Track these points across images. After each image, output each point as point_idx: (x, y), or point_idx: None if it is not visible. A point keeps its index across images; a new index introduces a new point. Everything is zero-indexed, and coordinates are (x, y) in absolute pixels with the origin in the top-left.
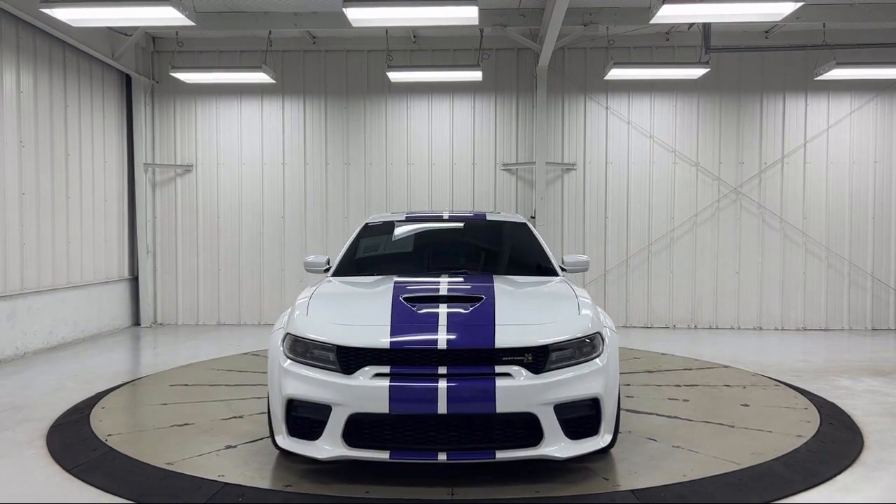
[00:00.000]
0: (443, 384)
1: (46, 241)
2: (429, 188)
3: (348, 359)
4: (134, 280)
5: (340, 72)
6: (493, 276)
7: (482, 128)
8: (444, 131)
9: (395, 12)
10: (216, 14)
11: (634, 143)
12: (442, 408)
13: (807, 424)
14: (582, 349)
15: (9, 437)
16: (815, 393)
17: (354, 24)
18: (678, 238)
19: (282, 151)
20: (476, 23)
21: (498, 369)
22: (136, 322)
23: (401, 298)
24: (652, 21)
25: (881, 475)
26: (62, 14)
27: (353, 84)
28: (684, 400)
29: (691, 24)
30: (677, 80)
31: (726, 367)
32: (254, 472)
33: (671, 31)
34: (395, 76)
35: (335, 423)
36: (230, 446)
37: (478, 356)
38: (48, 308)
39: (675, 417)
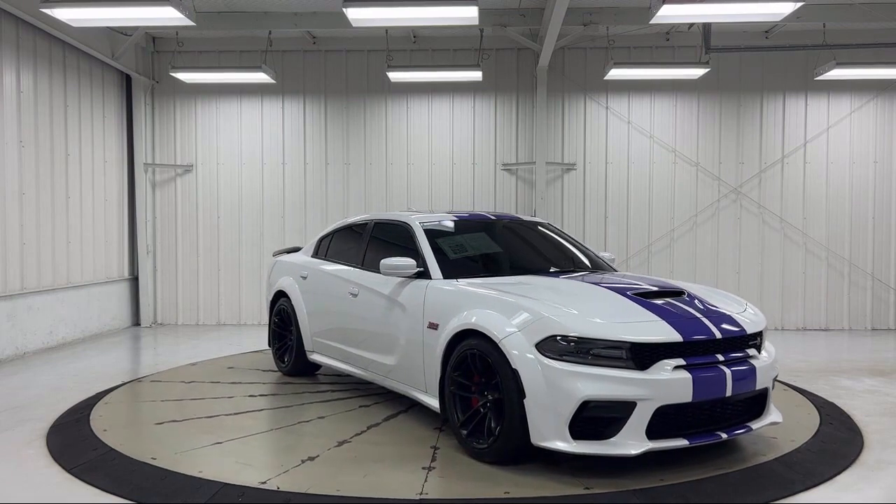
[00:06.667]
0: (726, 369)
1: (46, 241)
2: (429, 188)
3: (642, 355)
4: (134, 280)
5: (340, 72)
6: (597, 274)
7: (482, 128)
8: (444, 131)
9: (395, 12)
10: (216, 14)
11: (634, 143)
12: (728, 391)
13: (807, 424)
14: (765, 334)
15: (9, 437)
16: (815, 393)
17: (354, 24)
18: (678, 238)
19: (282, 151)
20: (476, 23)
21: (749, 352)
22: (136, 322)
23: (632, 294)
24: (652, 21)
25: (881, 475)
26: (62, 14)
27: (353, 84)
28: None
29: (691, 24)
30: (677, 80)
31: None
32: (532, 482)
33: (671, 31)
34: (395, 76)
35: (640, 418)
36: (428, 467)
37: (738, 342)
38: (48, 308)
39: None
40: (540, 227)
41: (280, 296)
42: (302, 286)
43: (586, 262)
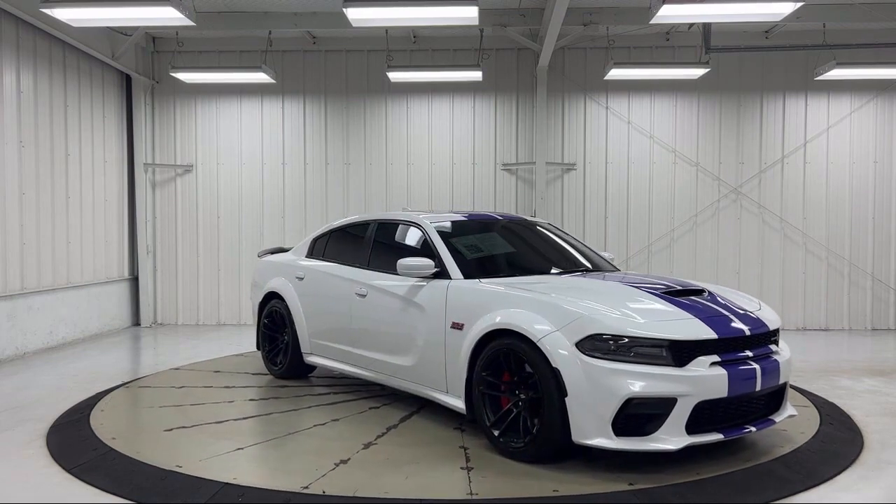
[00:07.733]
0: (756, 365)
1: (46, 241)
2: (429, 188)
3: (680, 352)
4: (134, 280)
5: (340, 72)
6: (609, 273)
7: (482, 128)
8: (444, 131)
9: (395, 12)
10: (216, 14)
11: (634, 143)
12: (758, 386)
13: (807, 424)
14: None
15: (9, 437)
16: (815, 393)
17: (354, 24)
18: (678, 238)
19: (282, 151)
20: (476, 23)
21: (772, 348)
22: (136, 322)
23: (660, 293)
24: (652, 21)
25: (881, 475)
26: (62, 14)
27: (353, 84)
28: None
29: (691, 24)
30: (677, 80)
31: None
32: (576, 479)
33: (671, 31)
34: (395, 76)
35: (680, 414)
36: (466, 467)
37: (763, 338)
38: (48, 308)
39: None
40: (541, 228)
41: (271, 297)
42: (298, 287)
43: (592, 262)
